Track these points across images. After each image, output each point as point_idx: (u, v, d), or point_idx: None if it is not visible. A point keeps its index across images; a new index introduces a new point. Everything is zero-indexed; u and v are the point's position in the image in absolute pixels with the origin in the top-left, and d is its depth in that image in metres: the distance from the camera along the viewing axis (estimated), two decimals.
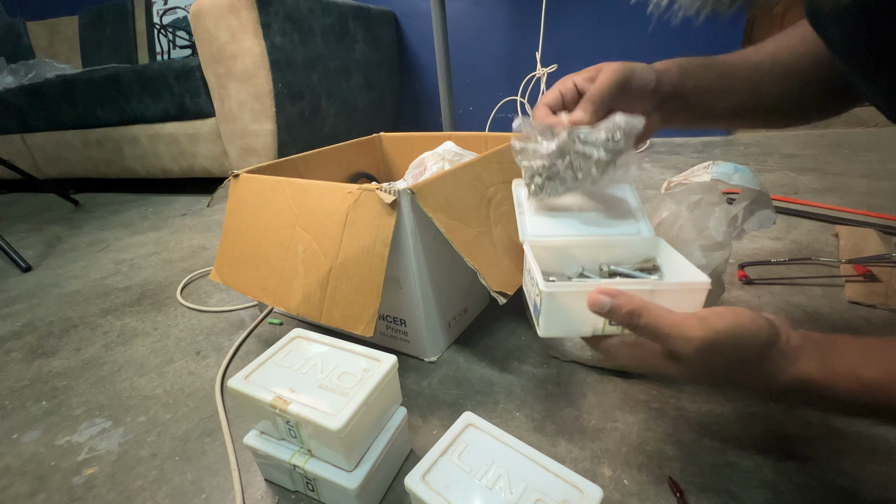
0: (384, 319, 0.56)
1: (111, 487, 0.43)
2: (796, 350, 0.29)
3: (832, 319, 0.56)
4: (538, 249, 0.41)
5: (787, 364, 0.29)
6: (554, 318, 0.34)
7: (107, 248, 1.12)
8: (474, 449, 0.33)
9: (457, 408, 0.48)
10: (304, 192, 0.53)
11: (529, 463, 0.32)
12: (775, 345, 0.29)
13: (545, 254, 0.42)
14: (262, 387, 0.37)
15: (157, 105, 1.41)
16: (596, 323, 0.33)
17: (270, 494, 0.40)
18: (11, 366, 0.64)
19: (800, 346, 0.29)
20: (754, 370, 0.29)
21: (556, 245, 0.42)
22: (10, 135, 1.75)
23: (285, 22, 1.26)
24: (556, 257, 0.42)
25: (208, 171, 1.47)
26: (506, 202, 0.56)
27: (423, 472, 0.31)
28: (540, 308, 0.34)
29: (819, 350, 0.29)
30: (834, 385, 0.28)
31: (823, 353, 0.29)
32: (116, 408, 0.53)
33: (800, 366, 0.29)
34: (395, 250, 0.48)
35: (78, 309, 0.80)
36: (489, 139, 0.75)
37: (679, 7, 0.25)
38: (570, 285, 0.34)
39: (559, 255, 0.42)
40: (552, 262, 0.42)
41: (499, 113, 1.90)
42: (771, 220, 0.45)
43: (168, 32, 1.83)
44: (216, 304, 0.76)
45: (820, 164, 1.22)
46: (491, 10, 1.78)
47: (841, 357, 0.29)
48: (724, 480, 0.37)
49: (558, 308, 0.34)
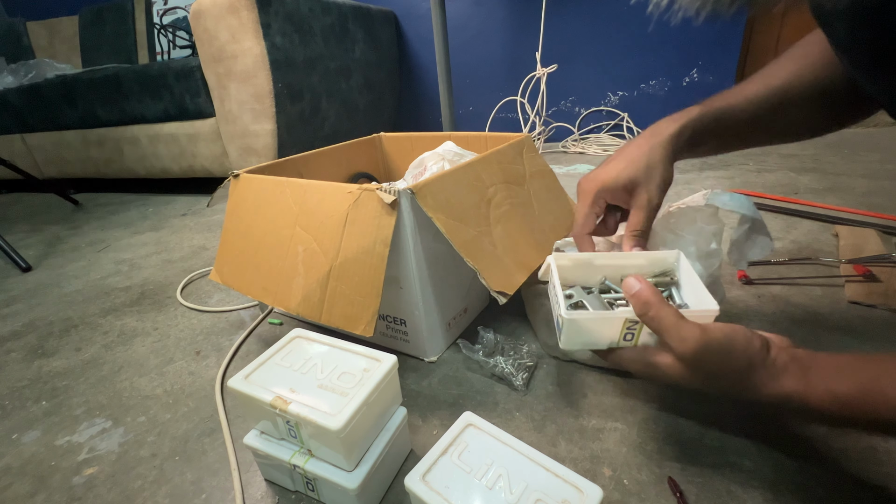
0: (384, 319, 0.56)
1: (111, 487, 0.43)
2: (781, 369, 0.31)
3: (832, 319, 0.56)
4: (562, 260, 0.42)
5: (770, 380, 0.31)
6: (574, 336, 0.37)
7: (107, 248, 1.11)
8: (474, 449, 0.33)
9: (457, 408, 0.48)
10: (304, 192, 0.53)
11: (529, 463, 0.32)
12: (763, 362, 0.31)
13: (569, 265, 0.43)
14: (262, 387, 0.37)
15: (157, 105, 1.41)
16: (612, 338, 0.36)
17: (270, 494, 0.40)
18: (11, 366, 0.64)
19: (785, 365, 0.31)
20: (739, 381, 0.31)
21: (580, 257, 0.43)
22: (10, 135, 1.75)
23: (285, 22, 1.26)
24: (580, 269, 0.43)
25: (208, 171, 1.47)
26: (506, 202, 0.56)
27: (423, 471, 0.31)
28: (561, 327, 0.36)
29: (800, 368, 0.31)
30: (810, 400, 0.30)
31: (804, 370, 0.31)
32: (116, 408, 0.53)
33: (782, 382, 0.31)
34: (395, 250, 0.48)
35: (78, 309, 0.80)
36: (489, 139, 0.75)
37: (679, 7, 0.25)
38: (589, 314, 0.36)
39: (583, 267, 0.43)
40: (576, 274, 0.43)
41: (499, 113, 1.90)
42: (769, 247, 0.47)
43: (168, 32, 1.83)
44: (216, 304, 0.76)
45: (820, 164, 1.22)
46: (491, 11, 1.78)
47: (817, 373, 0.30)
48: (724, 480, 0.37)
49: (578, 329, 0.36)
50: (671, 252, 0.42)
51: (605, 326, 0.36)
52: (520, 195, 0.60)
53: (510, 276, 0.50)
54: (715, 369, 0.31)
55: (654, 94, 1.72)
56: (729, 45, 1.58)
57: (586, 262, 0.43)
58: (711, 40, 1.58)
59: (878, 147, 1.33)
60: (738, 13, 0.25)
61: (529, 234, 0.57)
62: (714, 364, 0.31)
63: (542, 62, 1.67)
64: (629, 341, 0.36)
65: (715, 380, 0.32)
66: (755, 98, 0.43)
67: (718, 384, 0.32)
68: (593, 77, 1.77)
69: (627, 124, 1.74)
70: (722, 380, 0.32)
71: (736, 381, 0.31)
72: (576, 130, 1.83)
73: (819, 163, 1.23)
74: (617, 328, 0.35)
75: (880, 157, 1.23)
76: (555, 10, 1.67)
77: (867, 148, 1.33)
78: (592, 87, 1.79)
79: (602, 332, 0.36)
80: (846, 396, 0.28)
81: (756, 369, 0.31)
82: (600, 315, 0.36)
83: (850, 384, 0.29)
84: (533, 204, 0.62)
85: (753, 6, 0.26)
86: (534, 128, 1.78)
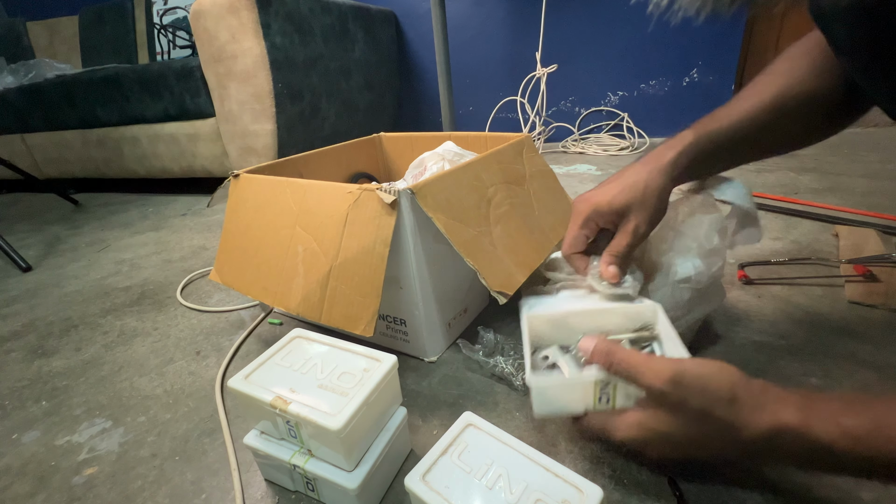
0: (384, 319, 0.56)
1: (111, 487, 0.43)
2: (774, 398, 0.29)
3: (832, 319, 0.56)
4: (536, 321, 0.42)
5: (759, 411, 0.28)
6: (544, 403, 0.36)
7: (107, 248, 1.11)
8: (474, 449, 0.33)
9: (457, 408, 0.48)
10: (304, 192, 0.53)
11: (529, 463, 0.32)
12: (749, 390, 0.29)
13: (543, 325, 0.42)
14: (262, 387, 0.37)
15: (157, 105, 1.41)
16: (587, 403, 0.35)
17: (270, 494, 0.40)
18: (11, 366, 0.64)
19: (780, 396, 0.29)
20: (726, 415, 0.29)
21: (554, 316, 0.42)
22: (10, 135, 1.75)
23: (285, 22, 1.26)
24: (555, 328, 0.42)
25: (208, 171, 1.47)
26: (506, 202, 0.56)
27: (423, 471, 0.31)
28: (531, 393, 0.36)
29: (801, 398, 0.29)
30: (812, 434, 0.27)
31: (806, 401, 0.28)
32: (116, 408, 0.53)
33: (776, 411, 0.28)
34: (395, 250, 0.48)
35: (78, 309, 0.80)
36: (489, 139, 0.75)
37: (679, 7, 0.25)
38: (555, 380, 0.35)
39: (558, 326, 0.42)
40: (551, 334, 0.42)
41: (499, 113, 1.90)
42: (757, 237, 0.47)
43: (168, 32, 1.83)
44: (216, 304, 0.76)
45: (820, 164, 1.22)
46: (491, 11, 1.78)
47: (823, 405, 0.28)
48: (724, 480, 0.37)
49: (546, 396, 0.35)
50: (648, 304, 0.41)
51: (576, 391, 0.34)
52: (520, 195, 0.60)
53: (510, 275, 0.50)
54: (697, 404, 0.29)
55: (654, 94, 1.72)
56: (729, 45, 1.58)
57: (562, 320, 0.42)
58: (711, 40, 1.58)
59: (878, 147, 1.33)
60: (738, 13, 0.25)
61: (529, 234, 0.57)
62: (695, 397, 0.29)
63: (542, 62, 1.67)
64: (605, 404, 0.35)
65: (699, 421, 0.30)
66: (747, 116, 0.42)
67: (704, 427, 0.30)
68: (593, 77, 1.77)
69: (627, 124, 1.74)
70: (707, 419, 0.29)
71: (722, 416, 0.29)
72: (576, 130, 1.83)
73: (819, 163, 1.23)
74: (589, 392, 0.34)
75: (880, 157, 1.23)
76: (555, 10, 1.67)
77: (867, 148, 1.33)
78: (592, 87, 1.79)
79: (574, 396, 0.34)
80: (859, 429, 0.26)
81: (741, 400, 0.29)
82: (568, 380, 0.35)
83: (862, 418, 0.26)
84: (533, 204, 0.62)
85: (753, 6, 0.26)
86: (534, 128, 1.78)
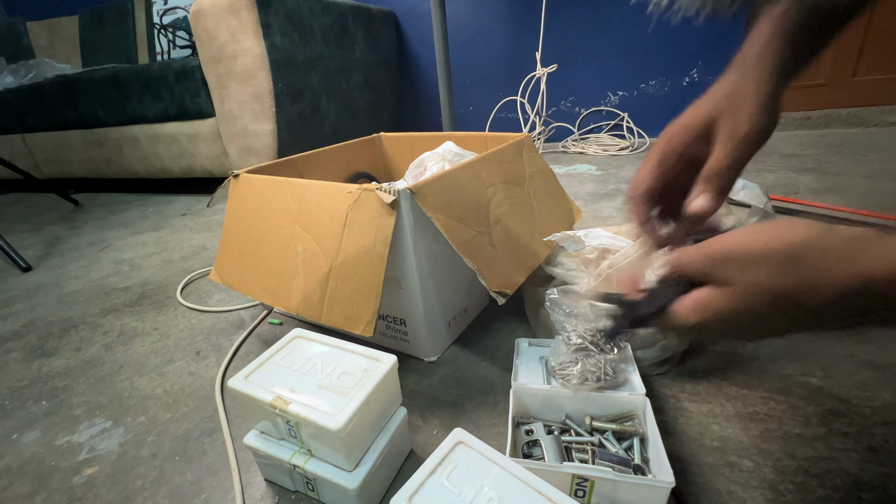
0: (384, 319, 0.56)
1: (111, 487, 0.43)
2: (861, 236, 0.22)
3: None
4: (523, 394, 0.42)
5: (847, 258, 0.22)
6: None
7: (107, 248, 1.11)
8: (464, 469, 0.31)
9: (457, 408, 0.48)
10: (304, 192, 0.53)
11: (520, 485, 0.30)
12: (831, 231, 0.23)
13: (530, 399, 0.42)
14: (262, 387, 0.37)
15: (157, 105, 1.41)
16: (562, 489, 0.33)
17: (270, 494, 0.40)
18: (11, 366, 0.64)
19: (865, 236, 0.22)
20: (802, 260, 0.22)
21: (541, 392, 0.42)
22: (10, 135, 1.75)
23: (285, 22, 1.26)
24: (542, 404, 0.42)
25: (208, 171, 1.47)
26: (505, 202, 0.56)
27: (410, 493, 0.29)
28: None
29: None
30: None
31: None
32: (116, 408, 0.53)
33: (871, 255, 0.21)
34: (395, 250, 0.48)
35: (78, 309, 0.80)
36: (489, 139, 0.75)
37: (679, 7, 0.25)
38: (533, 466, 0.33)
39: (545, 403, 0.42)
40: (537, 408, 0.43)
41: (499, 113, 1.90)
42: None
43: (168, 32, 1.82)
44: (216, 304, 0.76)
45: (820, 164, 1.22)
46: (491, 10, 1.77)
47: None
48: (724, 480, 0.37)
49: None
50: (639, 396, 0.39)
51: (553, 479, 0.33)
52: (519, 195, 0.60)
53: (510, 275, 0.50)
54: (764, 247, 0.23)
55: (654, 94, 1.72)
56: (729, 45, 1.58)
57: (549, 398, 0.42)
58: (711, 40, 1.58)
59: (878, 147, 1.33)
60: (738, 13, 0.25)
61: (529, 234, 0.57)
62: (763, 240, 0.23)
63: (542, 62, 1.67)
64: (581, 498, 0.35)
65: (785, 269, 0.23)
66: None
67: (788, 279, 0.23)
68: (593, 77, 1.77)
69: (627, 124, 1.74)
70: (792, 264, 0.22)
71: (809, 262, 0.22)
72: (576, 130, 1.83)
73: (819, 163, 1.23)
74: (566, 483, 0.34)
75: (880, 157, 1.23)
76: (555, 10, 1.67)
77: (867, 148, 1.33)
78: (592, 87, 1.79)
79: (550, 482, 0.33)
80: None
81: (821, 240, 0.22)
82: (546, 466, 0.34)
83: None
84: (533, 204, 0.62)
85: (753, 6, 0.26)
86: (534, 128, 1.78)
